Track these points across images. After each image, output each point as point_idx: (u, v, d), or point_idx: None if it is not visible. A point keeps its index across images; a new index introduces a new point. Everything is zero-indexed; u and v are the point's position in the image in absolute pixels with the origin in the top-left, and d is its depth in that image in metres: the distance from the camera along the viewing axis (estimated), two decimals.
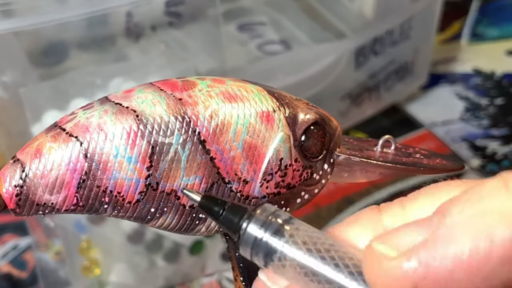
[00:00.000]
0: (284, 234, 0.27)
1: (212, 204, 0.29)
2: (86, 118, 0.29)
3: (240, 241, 0.28)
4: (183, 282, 0.68)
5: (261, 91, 0.31)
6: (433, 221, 0.24)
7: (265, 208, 0.28)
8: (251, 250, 0.27)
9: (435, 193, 0.27)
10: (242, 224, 0.27)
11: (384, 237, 0.25)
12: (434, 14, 0.85)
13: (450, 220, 0.23)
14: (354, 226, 0.28)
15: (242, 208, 0.28)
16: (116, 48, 0.65)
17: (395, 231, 0.25)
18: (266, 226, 0.27)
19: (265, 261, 0.27)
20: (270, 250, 0.27)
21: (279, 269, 0.27)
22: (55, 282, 0.67)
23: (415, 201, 0.27)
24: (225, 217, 0.28)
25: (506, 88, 0.92)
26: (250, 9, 0.86)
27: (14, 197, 0.29)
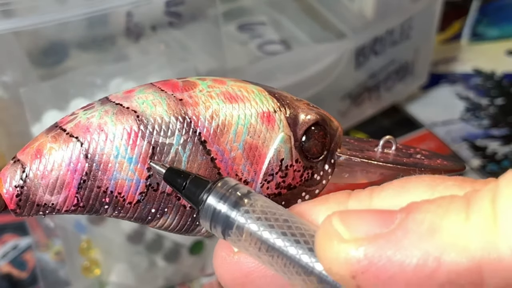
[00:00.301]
0: (240, 207, 0.27)
1: (176, 177, 0.29)
2: (87, 118, 0.29)
3: (200, 213, 0.28)
4: (183, 282, 0.68)
5: (262, 91, 0.31)
6: (395, 218, 0.24)
7: (226, 181, 0.28)
8: (210, 222, 0.27)
9: (405, 186, 0.26)
10: (203, 196, 0.28)
11: (345, 215, 0.25)
12: (434, 14, 0.85)
13: (411, 225, 0.23)
14: (321, 205, 0.28)
15: (204, 181, 0.28)
16: (116, 48, 0.65)
17: (358, 213, 0.25)
18: (225, 198, 0.27)
19: (223, 233, 0.27)
20: (227, 223, 0.27)
21: (236, 242, 0.27)
22: (55, 282, 0.67)
23: (383, 191, 0.27)
24: (188, 189, 0.28)
25: (506, 88, 0.92)
26: (250, 9, 0.86)
27: (15, 197, 0.29)
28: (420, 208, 0.24)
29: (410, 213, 0.24)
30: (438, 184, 0.26)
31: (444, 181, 0.26)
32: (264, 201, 0.27)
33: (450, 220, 0.23)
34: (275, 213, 0.27)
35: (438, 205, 0.24)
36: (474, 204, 0.23)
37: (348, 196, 0.28)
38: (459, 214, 0.23)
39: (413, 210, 0.24)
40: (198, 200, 0.28)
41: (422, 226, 0.23)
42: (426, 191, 0.26)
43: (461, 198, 0.24)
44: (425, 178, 0.26)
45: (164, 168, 0.29)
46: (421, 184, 0.26)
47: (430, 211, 0.23)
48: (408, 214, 0.24)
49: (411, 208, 0.24)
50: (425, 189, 0.26)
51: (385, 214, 0.24)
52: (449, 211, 0.23)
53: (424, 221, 0.23)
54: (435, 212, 0.23)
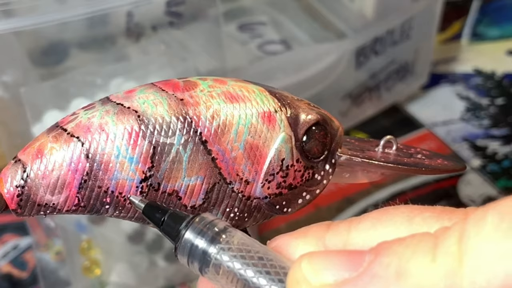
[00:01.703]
0: (219, 242, 0.27)
1: (155, 212, 0.29)
2: (88, 118, 0.29)
3: (177, 249, 0.28)
4: (184, 282, 0.68)
5: (263, 91, 0.31)
6: (363, 260, 0.24)
7: (203, 217, 0.28)
8: (188, 257, 0.28)
9: (381, 218, 0.27)
10: (180, 232, 0.28)
11: (315, 258, 0.25)
12: (435, 14, 0.85)
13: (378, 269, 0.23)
14: (300, 238, 0.28)
15: (182, 217, 0.28)
16: (116, 48, 0.65)
17: (327, 255, 0.25)
18: (203, 234, 0.27)
19: (200, 269, 0.27)
20: (204, 260, 0.27)
21: (213, 276, 0.27)
22: (55, 282, 0.67)
23: (361, 224, 0.27)
24: (166, 224, 0.29)
25: (506, 88, 0.92)
26: (251, 9, 0.86)
27: (16, 197, 0.29)
28: (388, 250, 0.24)
29: (377, 256, 0.24)
30: (415, 215, 0.26)
31: (421, 212, 0.26)
32: (240, 238, 0.27)
33: (416, 262, 0.23)
34: (251, 250, 0.27)
35: (406, 245, 0.24)
36: (441, 244, 0.23)
37: (327, 229, 0.28)
38: (426, 255, 0.23)
39: (381, 252, 0.24)
40: (176, 235, 0.28)
41: (388, 270, 0.23)
42: (402, 223, 0.26)
43: (430, 237, 0.24)
44: (403, 209, 0.26)
45: (143, 202, 0.29)
46: (398, 216, 0.26)
47: (398, 253, 0.23)
48: (376, 256, 0.24)
49: (379, 249, 0.24)
50: (402, 221, 0.26)
51: (353, 256, 0.25)
52: (416, 252, 0.23)
53: (390, 264, 0.23)
54: (402, 254, 0.23)
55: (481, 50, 0.99)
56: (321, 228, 0.28)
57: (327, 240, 0.27)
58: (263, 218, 0.32)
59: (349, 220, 0.28)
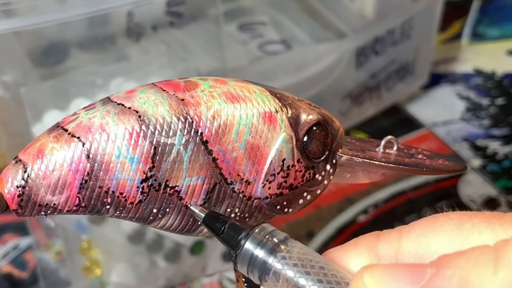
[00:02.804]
0: (278, 253, 0.28)
1: (215, 221, 0.30)
2: (88, 118, 0.29)
3: (237, 258, 0.29)
4: (184, 282, 0.68)
5: (264, 91, 0.31)
6: (426, 273, 0.24)
7: (263, 227, 0.29)
8: (247, 267, 0.28)
9: (431, 227, 0.27)
10: (240, 242, 0.29)
11: (376, 271, 0.25)
12: (435, 14, 0.85)
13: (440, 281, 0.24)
14: (351, 250, 0.28)
15: (242, 227, 0.29)
16: (116, 48, 0.65)
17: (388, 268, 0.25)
18: (262, 245, 0.28)
19: (260, 279, 0.28)
20: (264, 268, 0.28)
21: (274, 285, 0.28)
22: (55, 282, 0.67)
23: (412, 233, 0.27)
24: (226, 234, 0.29)
25: (507, 88, 0.92)
26: (251, 9, 0.86)
27: (16, 197, 0.29)
28: (450, 263, 0.24)
29: (440, 268, 0.24)
30: (465, 221, 0.26)
31: (471, 218, 0.26)
32: (300, 248, 0.28)
33: (478, 275, 0.23)
34: (311, 259, 0.27)
35: (467, 258, 0.24)
36: (503, 257, 0.24)
37: (377, 238, 0.28)
38: (487, 268, 0.23)
39: (443, 265, 0.24)
40: (236, 245, 0.29)
41: (451, 282, 0.24)
42: (453, 230, 0.26)
43: (490, 250, 0.24)
44: (452, 215, 0.27)
45: (204, 212, 0.30)
46: (448, 223, 0.26)
47: (459, 266, 0.24)
48: (438, 269, 0.24)
49: (441, 262, 0.24)
50: (452, 228, 0.26)
51: (415, 269, 0.25)
52: (477, 265, 0.24)
53: (453, 277, 0.24)
54: (464, 267, 0.24)
55: (481, 50, 0.99)
56: (371, 238, 0.28)
57: (379, 250, 0.28)
58: (264, 218, 0.32)
59: (399, 229, 0.28)
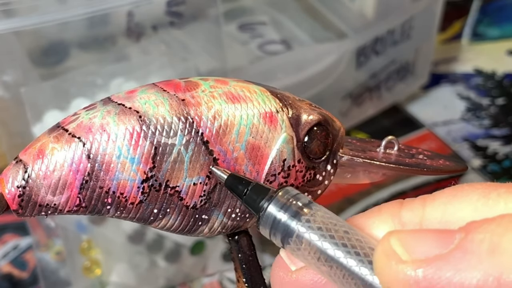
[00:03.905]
0: (301, 217, 0.27)
1: (238, 183, 0.29)
2: (89, 118, 0.29)
3: (260, 221, 0.28)
4: (184, 282, 0.68)
5: (264, 91, 0.31)
6: (454, 238, 0.24)
7: (287, 190, 0.28)
8: (270, 230, 0.28)
9: (457, 195, 0.26)
10: (263, 205, 0.28)
11: (403, 236, 0.25)
12: (435, 14, 0.85)
13: (470, 245, 0.23)
14: (375, 217, 0.28)
15: (265, 189, 0.29)
16: (117, 48, 0.65)
17: (416, 233, 0.25)
18: (286, 208, 0.27)
19: (282, 242, 0.27)
20: (287, 232, 0.27)
21: (295, 251, 0.27)
22: (55, 282, 0.67)
23: (436, 200, 0.27)
24: (249, 196, 0.29)
25: (507, 88, 0.92)
26: (251, 9, 0.86)
27: (17, 198, 0.29)
28: (479, 228, 0.24)
29: (469, 233, 0.24)
30: (491, 191, 0.26)
31: (496, 188, 0.26)
32: (325, 212, 0.27)
33: (509, 239, 0.23)
34: (336, 223, 0.27)
35: (498, 224, 0.24)
36: None
37: (400, 205, 0.28)
38: None
39: (472, 230, 0.24)
40: (259, 207, 0.28)
41: (481, 247, 0.23)
42: (478, 198, 0.26)
43: None
44: (477, 185, 0.26)
45: (226, 174, 0.30)
46: (474, 192, 0.26)
47: (489, 231, 0.23)
48: (467, 234, 0.24)
49: (470, 227, 0.24)
50: (478, 197, 0.26)
51: (443, 234, 0.25)
52: (508, 230, 0.23)
53: (483, 241, 0.23)
54: (494, 232, 0.23)
55: (482, 50, 0.99)
56: (394, 205, 0.28)
57: (403, 217, 0.27)
58: None
59: (423, 197, 0.27)
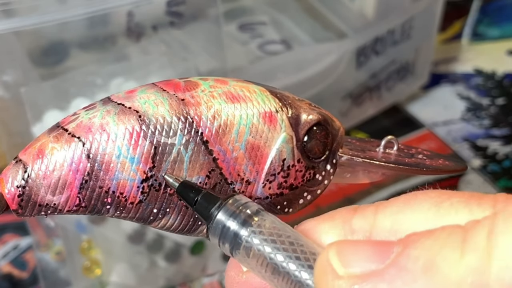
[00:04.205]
0: (250, 225, 0.27)
1: (189, 191, 0.29)
2: (89, 118, 0.29)
3: (209, 229, 0.28)
4: (184, 282, 0.68)
5: (264, 91, 0.31)
6: (392, 252, 0.24)
7: (236, 199, 0.28)
8: (219, 238, 0.28)
9: (409, 203, 0.26)
10: (213, 213, 0.28)
11: (342, 248, 0.25)
12: (435, 14, 0.85)
13: (405, 262, 0.23)
14: (326, 222, 0.28)
15: (215, 198, 0.29)
16: (117, 48, 0.65)
17: (354, 245, 0.25)
18: (235, 216, 0.28)
19: (231, 250, 0.27)
20: (236, 240, 0.27)
21: (244, 258, 0.27)
22: (55, 282, 0.67)
23: (388, 208, 0.27)
24: (199, 204, 0.29)
25: (507, 88, 0.92)
26: (251, 9, 0.86)
27: (16, 197, 0.29)
28: (417, 243, 0.23)
29: (406, 248, 0.23)
30: (443, 200, 0.25)
31: (450, 197, 0.25)
32: (272, 221, 0.27)
33: (444, 258, 0.23)
34: (282, 234, 0.27)
35: (435, 239, 0.23)
36: (470, 239, 0.23)
37: (353, 212, 0.28)
38: (454, 251, 0.23)
39: (409, 245, 0.24)
40: (209, 216, 0.28)
41: (416, 264, 0.23)
42: (430, 208, 0.25)
43: (460, 230, 0.23)
44: (431, 194, 0.26)
45: (178, 181, 0.29)
46: (426, 201, 0.26)
47: (426, 247, 0.23)
48: (404, 248, 0.24)
49: (408, 241, 0.24)
50: (430, 206, 0.25)
51: (381, 247, 0.24)
52: (445, 247, 0.23)
53: (419, 258, 0.23)
54: (430, 249, 0.23)
55: (482, 50, 0.99)
56: (347, 211, 0.28)
57: (353, 224, 0.27)
58: None
59: (377, 204, 0.27)
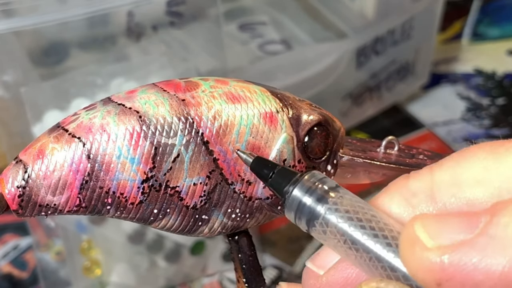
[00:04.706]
0: (327, 201, 0.26)
1: (263, 167, 0.29)
2: (89, 119, 0.29)
3: (285, 205, 0.28)
4: (184, 283, 0.68)
5: (265, 91, 0.31)
6: (479, 221, 0.24)
7: (313, 174, 0.28)
8: (295, 214, 0.27)
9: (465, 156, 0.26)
10: (289, 188, 0.27)
11: (427, 221, 0.24)
12: (435, 14, 0.85)
13: (495, 230, 0.23)
14: (382, 196, 0.28)
15: (290, 172, 0.28)
16: (117, 48, 0.65)
17: (440, 218, 0.25)
18: (311, 192, 0.27)
19: (308, 226, 0.27)
20: (312, 216, 0.27)
21: (320, 235, 0.27)
22: (55, 282, 0.67)
23: (443, 165, 0.26)
24: (274, 180, 0.28)
25: (507, 88, 0.92)
26: (251, 9, 0.86)
27: (17, 198, 0.29)
28: (504, 210, 0.23)
29: (494, 216, 0.23)
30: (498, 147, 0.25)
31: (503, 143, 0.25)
32: (352, 196, 0.27)
33: None
34: (364, 207, 0.26)
35: None
36: None
37: (407, 178, 0.27)
38: None
39: (497, 213, 0.23)
40: (284, 191, 0.28)
41: (506, 231, 0.23)
42: (486, 156, 0.25)
43: None
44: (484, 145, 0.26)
45: (252, 157, 0.29)
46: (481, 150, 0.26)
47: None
48: (492, 217, 0.23)
49: (495, 209, 0.24)
50: (486, 154, 0.25)
51: (468, 217, 0.24)
52: None
53: (509, 225, 0.23)
54: None
55: (482, 50, 0.99)
56: (400, 180, 0.28)
57: (411, 187, 0.27)
58: (265, 219, 0.32)
59: (429, 166, 0.27)
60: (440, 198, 0.26)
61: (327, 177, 0.28)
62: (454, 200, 0.26)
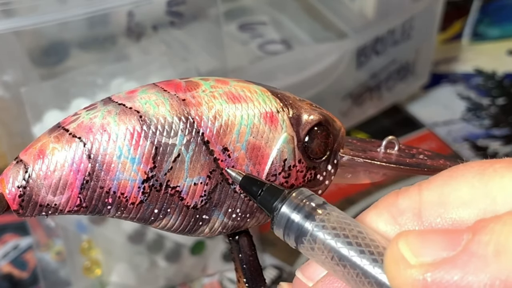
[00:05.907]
0: (315, 217, 0.27)
1: (252, 184, 0.30)
2: (90, 118, 0.29)
3: (273, 222, 0.28)
4: (184, 283, 0.68)
5: (265, 91, 0.31)
6: (462, 239, 0.24)
7: (301, 191, 0.29)
8: (284, 230, 0.28)
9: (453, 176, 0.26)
10: (277, 205, 0.28)
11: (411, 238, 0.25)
12: (435, 14, 0.85)
13: (476, 248, 0.23)
14: (370, 212, 0.28)
15: (279, 190, 0.29)
16: (117, 47, 0.65)
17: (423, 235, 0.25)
18: (299, 209, 0.28)
19: (296, 242, 0.28)
20: (300, 233, 0.27)
21: (308, 251, 0.27)
22: (56, 282, 0.67)
23: (432, 184, 0.27)
24: (263, 197, 0.29)
25: (507, 88, 0.92)
26: (251, 9, 0.86)
27: (17, 198, 0.29)
28: (486, 229, 0.24)
29: (476, 234, 0.24)
30: (486, 168, 0.26)
31: (492, 164, 0.26)
32: (339, 212, 0.28)
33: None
34: (350, 223, 0.27)
35: (504, 223, 0.23)
36: None
37: (396, 196, 0.28)
38: None
39: (479, 230, 0.24)
40: (272, 208, 0.28)
41: (487, 249, 0.23)
42: (474, 176, 0.26)
43: None
44: (473, 164, 0.26)
45: (241, 175, 0.30)
46: (469, 171, 0.26)
47: (496, 232, 0.23)
48: (474, 235, 0.24)
49: (477, 227, 0.24)
50: (474, 174, 0.26)
51: (451, 235, 0.24)
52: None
53: (489, 243, 0.23)
54: (500, 232, 0.23)
55: (482, 50, 0.99)
56: (389, 196, 0.28)
57: (400, 205, 0.27)
58: (265, 219, 0.32)
59: (418, 183, 0.27)
60: (426, 218, 0.27)
61: (315, 194, 0.28)
62: (440, 220, 0.26)
